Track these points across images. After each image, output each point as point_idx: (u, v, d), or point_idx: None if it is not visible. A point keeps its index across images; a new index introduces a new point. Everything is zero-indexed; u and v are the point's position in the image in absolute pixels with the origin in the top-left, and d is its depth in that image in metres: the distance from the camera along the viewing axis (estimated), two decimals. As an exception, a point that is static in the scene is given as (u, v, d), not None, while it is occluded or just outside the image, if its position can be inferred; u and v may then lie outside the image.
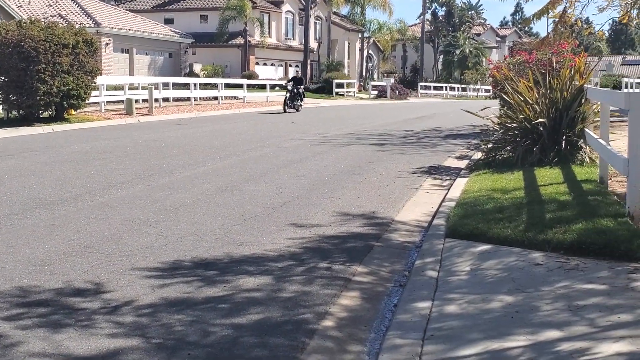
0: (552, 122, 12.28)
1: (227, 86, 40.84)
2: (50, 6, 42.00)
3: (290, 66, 59.38)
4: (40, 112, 23.15)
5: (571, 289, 5.70)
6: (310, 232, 8.27)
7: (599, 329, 4.84)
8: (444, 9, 78.66)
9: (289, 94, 32.65)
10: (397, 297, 6.13)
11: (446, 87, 68.32)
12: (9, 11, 34.63)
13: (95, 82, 25.07)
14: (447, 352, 4.69)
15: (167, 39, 47.19)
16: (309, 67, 58.52)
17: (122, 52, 43.22)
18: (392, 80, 61.50)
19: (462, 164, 14.31)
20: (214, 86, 39.51)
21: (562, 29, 20.26)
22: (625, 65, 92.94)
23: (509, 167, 11.92)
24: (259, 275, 6.51)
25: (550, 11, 17.86)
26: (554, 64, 14.22)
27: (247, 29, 52.52)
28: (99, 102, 28.78)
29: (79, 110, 24.96)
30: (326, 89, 53.24)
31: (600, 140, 9.63)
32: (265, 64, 56.17)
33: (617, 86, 52.61)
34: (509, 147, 12.83)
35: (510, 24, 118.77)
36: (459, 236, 7.68)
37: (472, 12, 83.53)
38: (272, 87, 44.95)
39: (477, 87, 69.86)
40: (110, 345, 4.85)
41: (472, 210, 8.58)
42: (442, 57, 75.89)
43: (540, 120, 12.19)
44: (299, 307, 5.69)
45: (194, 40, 49.94)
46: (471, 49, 73.01)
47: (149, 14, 54.44)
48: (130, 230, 8.25)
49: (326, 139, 19.30)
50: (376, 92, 57.88)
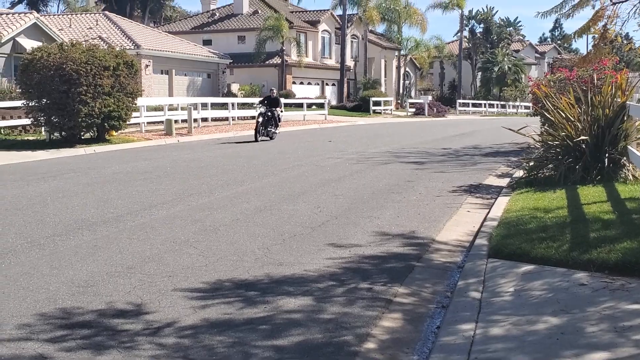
0: (594, 139, 12.10)
1: (265, 105, 41.00)
2: (90, 29, 42.73)
3: (326, 84, 59.55)
4: (82, 133, 23.49)
5: (617, 310, 5.58)
6: (349, 252, 8.23)
7: (648, 352, 4.71)
8: (482, 25, 78.26)
9: (261, 118, 26.16)
10: (440, 318, 6.06)
11: (485, 104, 67.87)
12: (51, 34, 35.30)
13: (135, 104, 25.39)
14: (492, 375, 4.61)
15: (206, 59, 47.68)
16: (345, 85, 58.60)
17: (162, 73, 43.74)
18: (429, 97, 61.34)
19: (503, 182, 14.16)
20: (252, 105, 39.71)
21: (602, 45, 20.01)
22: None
23: (551, 186, 11.76)
24: (300, 296, 6.48)
25: (591, 28, 17.65)
26: (595, 81, 14.04)
27: (284, 48, 52.86)
28: (139, 123, 29.14)
29: (119, 131, 25.29)
30: (363, 107, 53.24)
31: (644, 157, 9.46)
32: (302, 83, 56.42)
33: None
34: (550, 165, 12.67)
35: (549, 40, 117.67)
36: (502, 256, 7.58)
37: (511, 28, 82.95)
38: (309, 106, 45.10)
39: (517, 103, 69.28)
40: (152, 367, 4.86)
41: (515, 229, 8.47)
42: (480, 73, 75.44)
43: (582, 137, 12.03)
44: (340, 328, 5.65)
45: (231, 60, 50.40)
46: (510, 66, 72.47)
47: (187, 35, 55.12)
48: (171, 250, 8.30)
49: (364, 158, 19.26)
50: (414, 109, 57.71)
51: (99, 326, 5.68)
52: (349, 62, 60.78)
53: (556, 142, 12.73)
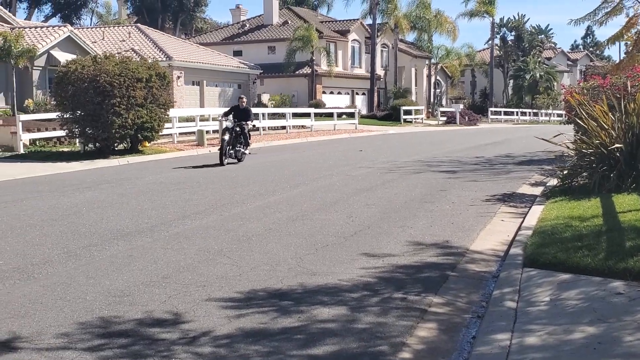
0: (628, 147, 11.97)
1: (295, 115, 41.21)
2: (123, 41, 43.28)
3: (356, 94, 59.57)
4: (115, 144, 23.76)
5: (657, 320, 5.51)
6: (383, 262, 8.22)
7: (689, 363, 4.65)
8: (513, 33, 77.79)
9: (227, 135, 20.31)
10: (475, 328, 6.03)
11: (517, 112, 67.39)
12: (84, 47, 35.81)
13: (167, 115, 25.64)
14: (529, 386, 4.58)
15: (236, 70, 48.00)
16: (375, 94, 58.59)
17: (193, 84, 44.12)
18: (461, 105, 61.04)
19: (537, 190, 14.05)
20: (282, 116, 39.91)
21: (636, 52, 19.79)
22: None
23: (585, 194, 11.64)
24: (334, 305, 6.49)
25: (624, 35, 17.51)
26: (629, 88, 13.89)
27: (313, 58, 53.00)
28: (171, 134, 29.41)
29: (152, 142, 25.54)
30: (393, 116, 53.14)
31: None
32: (332, 93, 56.51)
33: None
34: (585, 174, 12.55)
35: (581, 47, 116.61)
36: (537, 265, 7.53)
37: (542, 36, 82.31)
38: (340, 116, 45.15)
39: (549, 111, 68.72)
40: (189, 376, 4.90)
41: (550, 238, 8.40)
42: (512, 81, 74.93)
43: (616, 145, 11.90)
44: (375, 338, 5.65)
45: (262, 71, 50.68)
46: (542, 74, 71.88)
47: (218, 46, 55.54)
48: (205, 260, 8.35)
49: (395, 167, 19.23)
50: (445, 118, 57.48)
51: (136, 335, 5.74)
52: (379, 71, 60.77)
53: (590, 150, 12.61)
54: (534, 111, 69.18)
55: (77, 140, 24.62)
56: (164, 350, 5.41)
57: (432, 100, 67.52)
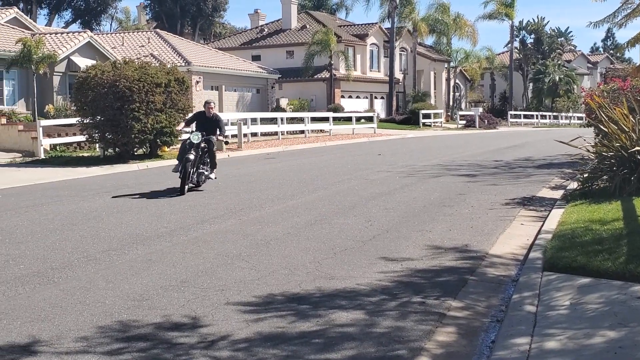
0: (650, 150, 11.85)
1: (313, 120, 41.24)
2: (142, 46, 43.55)
3: (375, 98, 59.50)
4: (134, 149, 23.89)
5: (679, 325, 5.44)
6: (401, 266, 8.19)
7: None
8: (533, 36, 77.41)
9: (193, 154, 14.99)
10: (495, 332, 5.99)
11: (537, 115, 67.06)
12: (104, 52, 36.08)
13: (186, 118, 25.70)
14: (549, 391, 4.54)
15: (255, 75, 48.13)
16: (394, 98, 58.49)
17: (212, 89, 44.28)
18: (480, 109, 60.78)
19: (557, 194, 13.95)
20: (300, 120, 39.96)
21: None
22: None
23: (606, 197, 11.54)
24: (352, 309, 6.47)
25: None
26: (652, 90, 13.79)
27: (332, 62, 53.01)
28: (190, 139, 29.46)
29: (171, 146, 25.64)
30: (412, 120, 53.04)
31: None
32: (350, 97, 56.47)
33: None
34: (605, 177, 12.45)
35: (601, 49, 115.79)
36: (557, 269, 7.47)
37: (562, 38, 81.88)
38: (358, 120, 45.13)
39: (569, 114, 68.29)
40: (207, 380, 4.90)
41: (570, 242, 8.34)
42: (531, 84, 74.55)
43: (637, 148, 11.80)
44: (393, 342, 5.62)
45: (280, 75, 50.79)
46: (562, 76, 71.46)
47: (236, 51, 55.73)
48: (223, 264, 8.37)
49: (414, 171, 19.18)
50: (464, 121, 57.30)
51: (155, 339, 5.75)
52: (398, 75, 60.69)
53: (610, 153, 12.51)
54: (554, 114, 68.78)
55: (97, 145, 24.79)
56: (182, 354, 5.42)
57: (451, 103, 67.32)
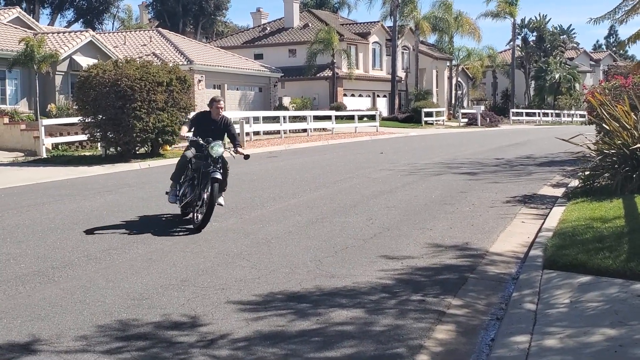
0: (652, 147, 11.83)
1: (316, 118, 41.20)
2: (144, 45, 43.55)
3: (377, 96, 59.47)
4: (136, 148, 23.87)
5: (679, 323, 5.43)
6: (402, 264, 8.18)
7: None
8: (535, 34, 77.22)
9: (204, 168, 10.48)
10: (494, 330, 5.99)
11: (539, 113, 66.94)
12: (106, 51, 36.07)
13: (188, 118, 25.71)
14: (548, 389, 4.53)
15: (257, 73, 48.12)
16: (396, 96, 58.45)
17: (214, 87, 44.27)
18: (482, 107, 60.70)
19: (559, 192, 13.94)
20: (303, 119, 39.93)
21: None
22: None
23: (607, 195, 11.52)
24: (351, 308, 6.47)
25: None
26: (653, 87, 13.78)
27: (334, 61, 52.98)
28: (192, 137, 29.45)
29: (173, 145, 25.64)
30: (415, 118, 52.97)
31: None
32: (352, 95, 56.44)
33: None
34: (607, 174, 12.42)
35: (604, 47, 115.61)
36: (558, 267, 7.46)
37: (564, 36, 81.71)
38: (360, 118, 45.12)
39: (572, 112, 68.17)
40: (206, 378, 4.91)
41: (571, 240, 8.32)
42: (533, 82, 74.44)
43: (639, 145, 11.77)
44: (392, 341, 5.62)
45: (282, 74, 50.76)
46: (564, 74, 71.34)
47: (239, 50, 55.72)
48: (224, 263, 8.37)
49: (416, 169, 19.16)
50: (466, 119, 57.22)
51: (155, 338, 5.76)
52: (400, 73, 60.65)
53: (612, 151, 12.48)
54: (556, 112, 68.66)
55: (99, 144, 24.79)
56: (181, 352, 5.42)
57: (453, 101, 67.25)
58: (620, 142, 12.23)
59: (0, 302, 6.82)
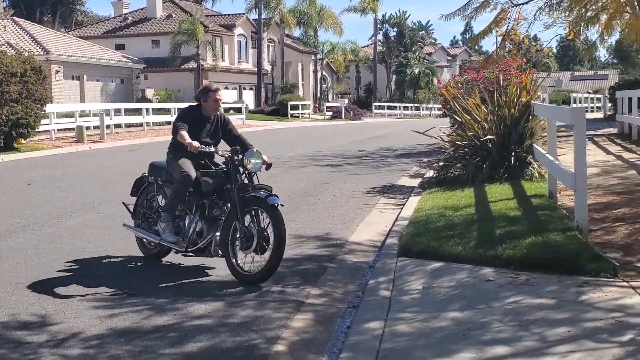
0: (500, 139, 12.42)
1: (154, 111, 40.28)
2: (-2, 34, 41.41)
3: (244, 89, 59.28)
4: (-12, 142, 22.72)
5: (521, 304, 5.74)
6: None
7: (547, 343, 4.87)
8: (395, 29, 79.47)
9: (239, 191, 7.24)
10: (351, 318, 6.11)
11: (400, 106, 68.90)
12: (-45, 40, 34.07)
13: (44, 110, 24.74)
14: (398, 372, 4.68)
15: (119, 64, 46.80)
16: (263, 89, 58.52)
17: (73, 79, 42.71)
18: (346, 101, 61.85)
19: (415, 182, 14.40)
20: (167, 111, 39.21)
21: (509, 46, 20.57)
22: (573, 80, 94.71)
23: (460, 185, 12.02)
24: (210, 301, 6.42)
25: (493, 30, 18.26)
26: (501, 82, 14.45)
27: (199, 52, 52.35)
28: (49, 130, 28.36)
29: (28, 139, 24.56)
30: (281, 111, 53.24)
31: (547, 155, 9.77)
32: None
33: (566, 101, 53.55)
34: (459, 165, 12.96)
35: (460, 43, 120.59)
36: (412, 255, 7.70)
37: (423, 32, 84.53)
38: (227, 111, 44.85)
39: (430, 105, 70.61)
40: (55, 379, 4.74)
41: (424, 228, 8.62)
42: (394, 77, 76.62)
43: (488, 137, 12.34)
44: (250, 332, 5.63)
45: (145, 65, 49.60)
46: (423, 69, 73.87)
47: (99, 40, 53.94)
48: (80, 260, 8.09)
49: (280, 161, 19.21)
50: (331, 113, 58.09)
51: (1, 339, 5.49)
52: (267, 67, 60.74)
53: (464, 142, 13.03)
54: (416, 105, 70.93)
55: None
56: (29, 353, 5.20)
57: (318, 95, 68.07)
58: (471, 134, 12.77)
59: None
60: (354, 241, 9.14)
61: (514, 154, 12.39)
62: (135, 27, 57.58)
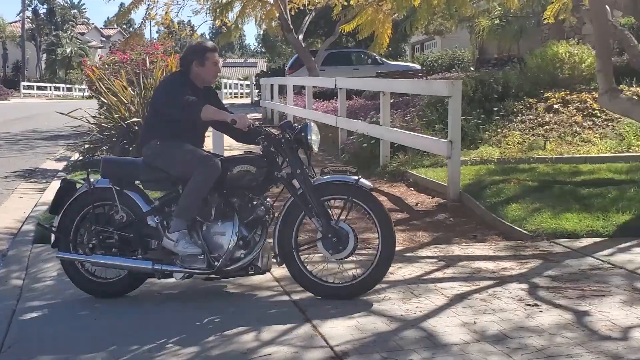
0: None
1: None
2: None
3: None
4: None
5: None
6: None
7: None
8: (46, 6, 75.60)
9: (302, 180, 5.50)
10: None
11: (51, 87, 65.62)
12: None
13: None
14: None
15: None
16: None
17: None
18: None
19: (61, 165, 13.93)
20: None
21: (161, 30, 20.66)
22: (226, 67, 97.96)
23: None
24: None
25: (133, 10, 18.81)
26: (148, 64, 14.48)
27: None
28: None
29: None
30: None
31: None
32: None
33: (218, 87, 55.27)
34: (105, 147, 12.75)
35: (115, 25, 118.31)
36: (47, 241, 7.42)
37: (75, 11, 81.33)
38: None
39: (83, 87, 68.19)
40: None
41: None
42: (45, 56, 72.87)
43: (135, 119, 12.31)
44: None
45: None
46: (75, 49, 71.19)
47: None
48: None
49: None
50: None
51: None
52: None
53: (111, 124, 12.87)
54: (68, 86, 68.12)
55: None
56: None
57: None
58: (118, 115, 12.64)
59: None
60: (-9, 229, 8.55)
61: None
62: None
